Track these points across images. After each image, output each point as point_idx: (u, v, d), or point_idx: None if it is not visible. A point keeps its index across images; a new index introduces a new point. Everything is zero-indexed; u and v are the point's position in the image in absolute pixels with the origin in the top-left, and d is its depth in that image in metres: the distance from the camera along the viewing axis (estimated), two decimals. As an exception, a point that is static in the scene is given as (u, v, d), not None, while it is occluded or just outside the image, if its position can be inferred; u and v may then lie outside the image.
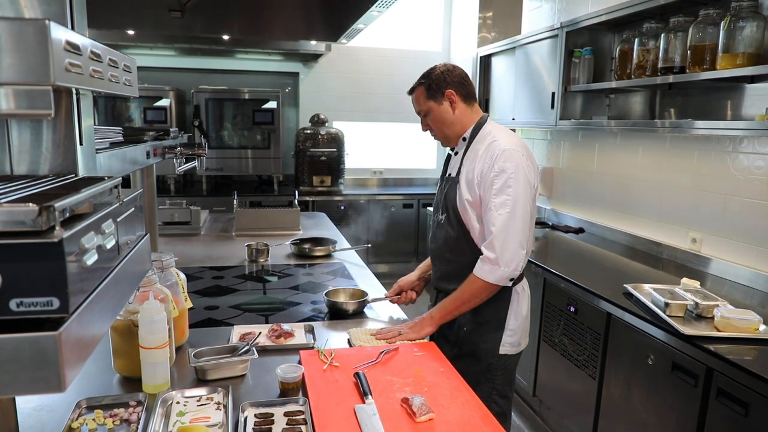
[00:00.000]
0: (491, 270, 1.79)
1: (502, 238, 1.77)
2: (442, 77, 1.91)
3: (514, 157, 1.80)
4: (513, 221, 1.77)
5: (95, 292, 0.69)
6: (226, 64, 5.64)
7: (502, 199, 1.77)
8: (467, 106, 1.95)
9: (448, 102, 1.92)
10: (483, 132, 1.93)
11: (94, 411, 1.32)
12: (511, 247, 1.77)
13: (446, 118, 1.94)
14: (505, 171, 1.78)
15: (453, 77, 1.92)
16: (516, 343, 1.96)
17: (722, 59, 2.29)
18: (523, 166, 1.81)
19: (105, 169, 1.12)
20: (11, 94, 0.67)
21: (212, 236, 3.45)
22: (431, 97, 1.93)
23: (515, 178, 1.78)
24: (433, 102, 1.93)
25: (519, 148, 1.83)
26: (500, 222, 1.77)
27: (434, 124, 1.97)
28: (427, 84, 1.93)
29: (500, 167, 1.78)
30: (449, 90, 1.91)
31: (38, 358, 0.59)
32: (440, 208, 2.02)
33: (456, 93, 1.92)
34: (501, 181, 1.78)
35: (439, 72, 1.93)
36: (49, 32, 0.64)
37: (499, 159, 1.79)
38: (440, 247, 2.03)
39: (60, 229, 0.60)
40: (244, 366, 1.57)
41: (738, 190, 2.60)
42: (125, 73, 0.98)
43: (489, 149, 1.84)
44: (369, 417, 1.32)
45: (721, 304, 2.05)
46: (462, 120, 1.95)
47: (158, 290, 1.55)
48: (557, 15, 4.03)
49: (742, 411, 1.71)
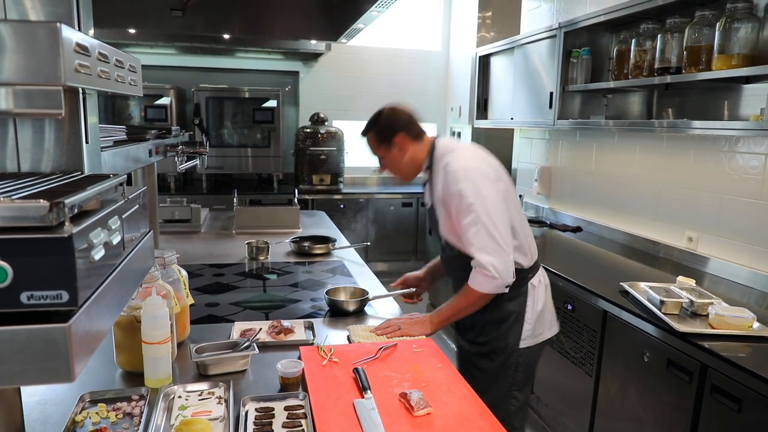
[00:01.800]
0: (486, 282, 1.81)
1: (485, 254, 1.79)
2: (389, 122, 1.95)
3: (468, 175, 1.82)
4: (487, 235, 1.79)
5: (102, 287, 0.71)
6: (226, 63, 5.66)
7: (470, 218, 1.80)
8: (418, 143, 1.99)
9: (398, 147, 1.96)
10: (436, 156, 1.96)
11: (98, 405, 1.35)
12: (497, 258, 1.78)
13: (399, 161, 1.99)
14: (462, 192, 1.80)
15: (400, 120, 1.96)
16: (535, 334, 1.98)
17: (718, 60, 2.31)
18: (476, 178, 1.83)
19: (109, 167, 1.14)
20: (23, 95, 0.69)
21: (212, 234, 3.48)
22: (382, 143, 1.97)
23: (473, 194, 1.80)
24: (385, 147, 1.97)
25: (471, 163, 1.86)
26: (477, 240, 1.79)
27: (389, 167, 2.03)
28: (376, 130, 1.97)
29: (457, 190, 1.81)
30: (398, 137, 1.95)
31: (48, 349, 0.61)
32: (435, 234, 2.09)
33: (406, 136, 1.96)
34: (463, 203, 1.81)
35: (385, 117, 1.96)
36: (61, 34, 0.66)
37: (453, 182, 1.83)
38: (449, 266, 2.09)
39: (69, 224, 0.63)
40: (244, 361, 1.60)
41: (734, 190, 2.62)
42: (130, 73, 1.00)
43: (445, 174, 1.87)
44: (368, 411, 1.35)
45: (715, 301, 2.08)
46: (415, 158, 1.99)
47: (161, 286, 1.58)
48: (556, 15, 4.05)
49: (736, 407, 1.74)
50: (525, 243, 1.96)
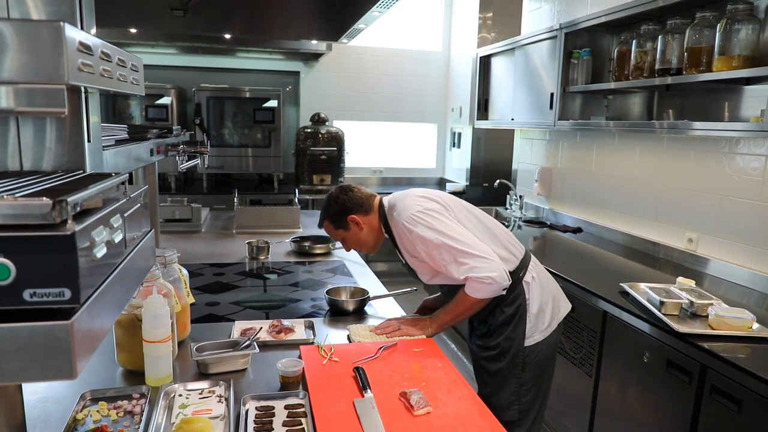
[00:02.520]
0: (482, 288, 1.81)
1: (470, 270, 1.79)
2: (338, 207, 2.00)
3: (418, 219, 1.86)
4: (462, 255, 1.80)
5: (104, 285, 0.72)
6: (227, 63, 5.66)
7: (441, 252, 1.82)
8: (370, 215, 2.03)
9: (353, 225, 2.01)
10: (387, 216, 2.01)
11: (99, 403, 1.35)
12: (484, 266, 1.78)
13: (359, 236, 2.04)
14: (423, 236, 1.84)
15: (350, 201, 2.01)
16: (541, 329, 1.97)
17: (718, 61, 2.31)
18: (428, 219, 1.85)
19: (111, 166, 1.15)
20: (26, 93, 0.69)
21: (213, 233, 3.48)
22: (339, 227, 2.02)
23: (432, 232, 1.83)
24: (343, 230, 2.03)
25: (415, 205, 1.89)
26: (456, 264, 1.81)
27: (354, 245, 2.08)
28: (330, 217, 2.02)
29: (416, 236, 1.85)
30: (350, 216, 2.00)
31: (51, 347, 0.62)
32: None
33: (357, 214, 2.00)
34: (427, 245, 1.84)
35: (333, 203, 2.01)
36: (64, 33, 0.67)
37: (409, 232, 1.87)
38: (446, 293, 2.08)
39: (72, 222, 0.63)
40: (245, 360, 1.60)
41: (734, 191, 2.62)
42: (132, 73, 1.01)
43: (400, 227, 1.92)
44: (368, 410, 1.35)
45: (715, 302, 2.08)
46: (372, 227, 2.04)
47: (161, 285, 1.58)
48: (556, 16, 4.05)
49: (735, 407, 1.74)
50: (507, 241, 1.97)
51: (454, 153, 6.09)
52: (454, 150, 6.08)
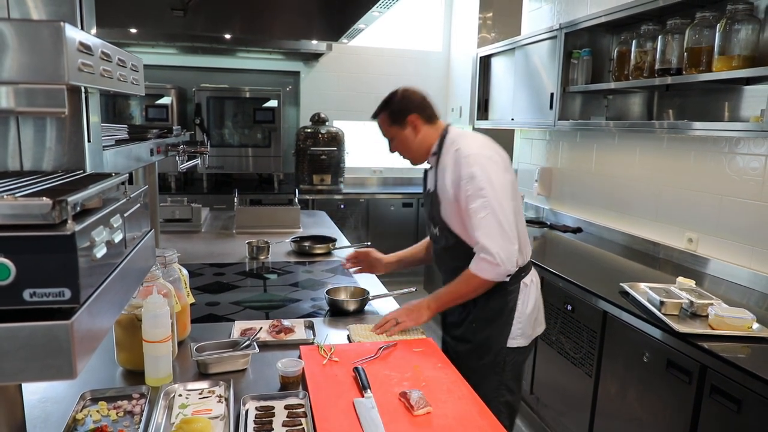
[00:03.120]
0: (488, 268, 1.81)
1: (491, 240, 1.79)
2: (403, 103, 1.97)
3: (479, 160, 1.83)
4: (495, 221, 1.79)
5: (103, 285, 0.72)
6: (227, 63, 5.66)
7: (479, 203, 1.80)
8: (430, 126, 2.00)
9: (411, 127, 1.97)
10: (447, 143, 1.96)
11: (98, 403, 1.35)
12: (502, 245, 1.79)
13: (410, 141, 2.00)
14: (474, 176, 1.81)
15: (414, 102, 1.97)
16: (525, 335, 1.97)
17: (718, 61, 2.32)
18: (489, 166, 1.84)
19: (111, 166, 1.15)
20: (26, 93, 0.69)
21: (213, 233, 3.48)
22: (394, 123, 1.98)
23: (485, 179, 1.81)
24: (397, 127, 1.99)
25: (482, 150, 1.87)
26: (484, 225, 1.80)
27: (400, 147, 2.04)
28: (389, 110, 1.98)
29: (468, 174, 1.82)
30: (411, 116, 1.96)
31: (51, 346, 0.62)
32: (431, 222, 2.09)
33: (419, 117, 1.96)
34: (473, 186, 1.81)
35: (399, 97, 1.98)
36: (64, 33, 0.67)
37: (465, 165, 1.83)
38: (441, 256, 2.09)
39: (72, 222, 0.63)
40: (245, 360, 1.60)
41: (734, 191, 2.62)
42: (133, 73, 1.01)
43: (455, 158, 1.88)
44: (368, 410, 1.35)
45: (715, 302, 2.08)
46: (426, 140, 2.00)
47: (161, 285, 1.58)
48: (556, 16, 4.05)
49: (735, 407, 1.74)
50: (523, 240, 1.96)
51: (454, 153, 6.08)
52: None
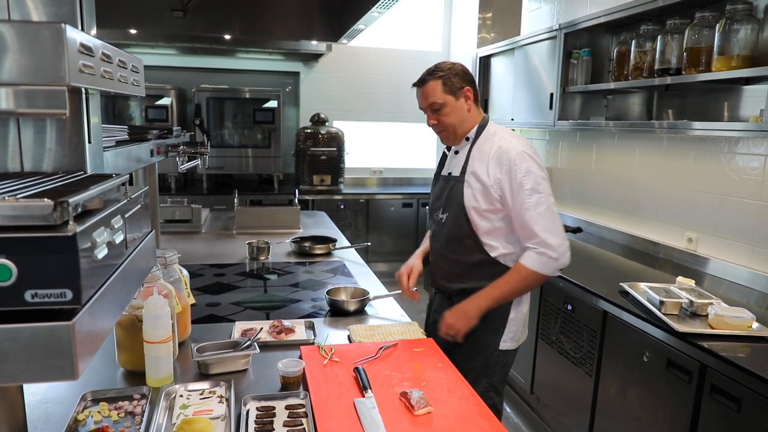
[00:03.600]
0: (548, 263, 1.81)
1: (551, 233, 1.80)
2: (461, 73, 1.92)
3: (534, 158, 1.85)
4: (553, 216, 1.82)
5: (105, 286, 0.72)
6: (227, 64, 5.66)
7: (537, 198, 1.81)
8: (475, 107, 1.98)
9: (464, 99, 1.93)
10: (487, 132, 1.95)
11: (99, 404, 1.35)
12: (561, 238, 1.82)
13: (460, 114, 1.94)
14: (532, 171, 1.82)
15: (468, 76, 1.95)
16: (515, 338, 1.99)
17: (717, 61, 2.32)
18: (539, 162, 1.86)
19: (111, 167, 1.15)
20: (27, 95, 0.69)
21: (213, 234, 3.48)
22: (449, 92, 1.91)
23: (542, 176, 1.83)
24: (451, 96, 1.92)
25: (532, 150, 1.88)
26: (543, 220, 1.80)
27: (447, 118, 1.94)
28: (445, 78, 1.90)
29: (526, 168, 1.82)
30: (468, 87, 1.93)
31: (52, 347, 0.62)
32: (442, 207, 2.02)
33: (472, 92, 1.95)
34: (531, 181, 1.81)
35: (458, 68, 1.93)
36: (65, 35, 0.67)
37: (520, 161, 1.82)
38: (443, 247, 2.03)
39: (73, 223, 0.63)
40: (245, 361, 1.60)
41: (733, 191, 2.63)
42: (133, 74, 1.01)
43: (502, 152, 1.86)
44: (368, 410, 1.35)
45: (715, 302, 2.08)
46: (471, 119, 1.97)
47: (162, 286, 1.58)
48: (556, 16, 4.05)
49: (735, 407, 1.74)
50: None
51: (453, 153, 6.08)
52: (448, 151, 6.07)
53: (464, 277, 1.97)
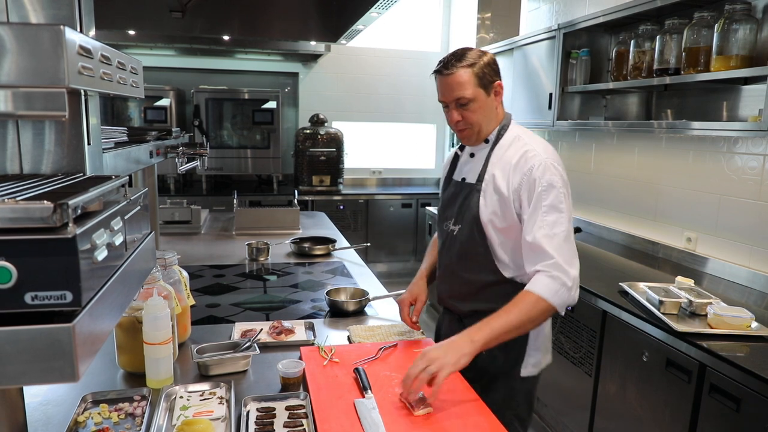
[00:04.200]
0: (562, 292, 1.52)
1: (566, 260, 1.54)
2: (492, 64, 1.67)
3: (559, 171, 1.61)
4: (570, 243, 1.58)
5: (105, 288, 0.72)
6: (226, 64, 5.67)
7: (555, 217, 1.56)
8: (501, 105, 1.75)
9: (494, 95, 1.69)
10: (509, 135, 1.71)
11: (100, 405, 1.35)
12: (576, 269, 1.56)
13: (489, 111, 1.69)
14: (554, 186, 1.57)
15: (498, 69, 1.69)
16: (538, 363, 1.76)
17: (716, 61, 2.32)
18: (564, 178, 1.62)
19: (111, 169, 1.15)
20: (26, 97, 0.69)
21: (212, 235, 3.48)
22: (481, 85, 1.64)
23: (564, 194, 1.59)
24: (483, 91, 1.65)
25: (556, 162, 1.63)
26: (557, 242, 1.54)
27: (475, 115, 1.67)
28: (477, 69, 1.63)
29: (548, 181, 1.57)
30: (499, 82, 1.68)
31: (53, 349, 0.62)
32: (454, 218, 1.77)
33: (501, 87, 1.71)
34: (551, 197, 1.57)
35: (490, 58, 1.67)
36: (64, 37, 0.67)
37: (543, 172, 1.58)
38: (453, 263, 1.78)
39: (73, 225, 0.63)
40: (245, 362, 1.60)
41: (732, 190, 2.63)
42: (132, 75, 1.01)
43: (525, 159, 1.62)
44: (368, 411, 1.35)
45: (714, 301, 2.09)
46: (497, 117, 1.73)
47: (162, 287, 1.58)
48: (555, 16, 4.06)
49: (734, 406, 1.74)
50: None
51: (453, 153, 6.09)
52: (453, 150, 6.08)
53: (477, 297, 1.73)
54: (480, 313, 1.58)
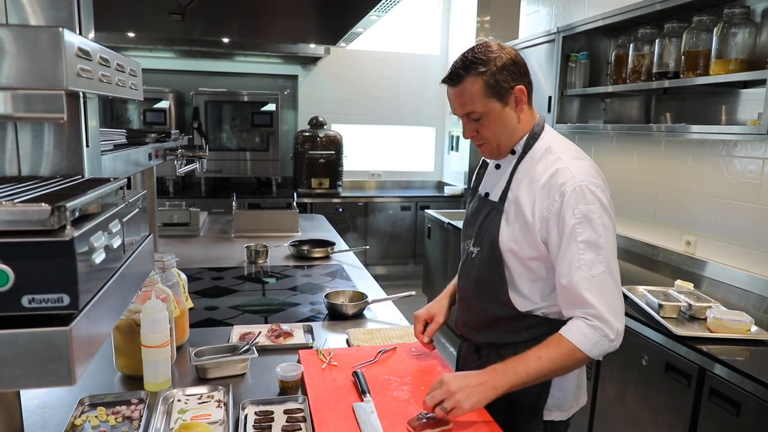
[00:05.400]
0: (600, 342, 1.31)
1: (610, 308, 1.32)
2: (509, 66, 1.38)
3: (597, 194, 1.34)
4: (613, 284, 1.34)
5: (102, 290, 0.72)
6: (225, 67, 5.67)
7: (593, 256, 1.32)
8: (528, 109, 1.46)
9: (514, 103, 1.41)
10: (539, 146, 1.45)
11: (97, 408, 1.34)
12: (620, 319, 1.33)
13: (509, 123, 1.43)
14: (591, 219, 1.32)
15: (520, 68, 1.40)
16: (566, 407, 1.51)
17: (715, 65, 2.32)
18: (605, 206, 1.35)
19: (109, 171, 1.15)
20: (25, 99, 0.69)
21: (211, 237, 3.47)
22: (494, 95, 1.38)
23: (603, 227, 1.33)
24: (497, 102, 1.39)
25: (595, 179, 1.36)
26: (599, 287, 1.32)
27: (491, 130, 1.43)
28: (488, 76, 1.36)
29: (583, 213, 1.32)
30: (520, 86, 1.40)
31: (50, 353, 0.62)
32: (473, 238, 1.55)
33: (526, 92, 1.42)
34: (588, 231, 1.32)
35: (505, 59, 1.38)
36: (63, 39, 0.67)
37: (578, 198, 1.33)
38: (469, 288, 1.58)
39: (71, 228, 0.63)
40: (244, 365, 1.60)
41: (731, 194, 2.63)
42: (131, 77, 1.01)
43: (555, 179, 1.36)
44: (367, 415, 1.35)
45: (713, 305, 2.08)
46: (523, 128, 1.46)
47: (160, 290, 1.58)
48: (554, 20, 4.06)
49: (734, 410, 1.74)
50: None
51: (452, 156, 6.10)
52: (452, 153, 6.08)
53: (492, 329, 1.53)
54: (496, 345, 1.51)
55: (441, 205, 5.42)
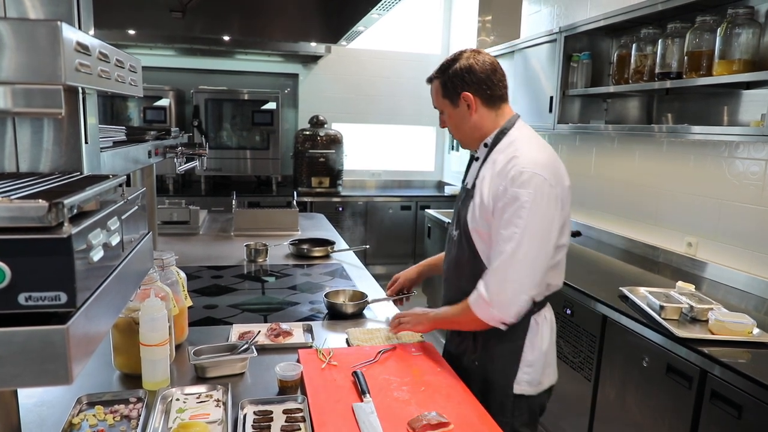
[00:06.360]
0: (483, 308, 1.54)
1: (499, 280, 1.51)
2: (460, 75, 1.61)
3: (534, 182, 1.48)
4: (514, 261, 1.49)
5: (100, 288, 0.71)
6: (225, 65, 5.66)
7: (509, 232, 1.49)
8: (490, 110, 1.64)
9: (464, 106, 1.63)
10: (506, 140, 1.62)
11: (95, 407, 1.34)
12: (509, 291, 1.50)
13: (461, 122, 1.66)
14: (518, 199, 1.48)
15: (474, 76, 1.60)
16: (536, 382, 1.65)
17: (718, 65, 2.31)
18: (543, 194, 1.49)
19: (108, 168, 1.14)
20: (23, 93, 0.68)
21: (211, 236, 3.46)
22: (446, 96, 1.65)
23: (528, 209, 1.47)
24: (449, 102, 1.65)
25: (541, 170, 1.51)
26: (500, 260, 1.51)
27: (450, 125, 1.71)
28: (443, 80, 1.64)
29: (514, 194, 1.49)
30: (466, 93, 1.61)
31: (47, 351, 0.61)
32: (455, 223, 1.76)
33: (475, 96, 1.61)
34: (511, 210, 1.49)
35: (458, 68, 1.61)
36: (61, 33, 0.66)
37: (515, 182, 1.49)
38: (449, 268, 1.79)
39: (68, 225, 0.62)
40: (243, 364, 1.59)
41: (733, 195, 2.62)
42: (131, 74, 1.00)
43: (509, 164, 1.53)
44: (367, 415, 1.34)
45: (715, 307, 2.07)
46: (482, 126, 1.64)
47: (159, 288, 1.57)
48: (556, 20, 4.05)
49: (736, 413, 1.73)
50: (555, 272, 1.66)
51: (452, 156, 6.09)
52: (452, 153, 6.08)
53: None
54: None
55: (441, 205, 5.41)
